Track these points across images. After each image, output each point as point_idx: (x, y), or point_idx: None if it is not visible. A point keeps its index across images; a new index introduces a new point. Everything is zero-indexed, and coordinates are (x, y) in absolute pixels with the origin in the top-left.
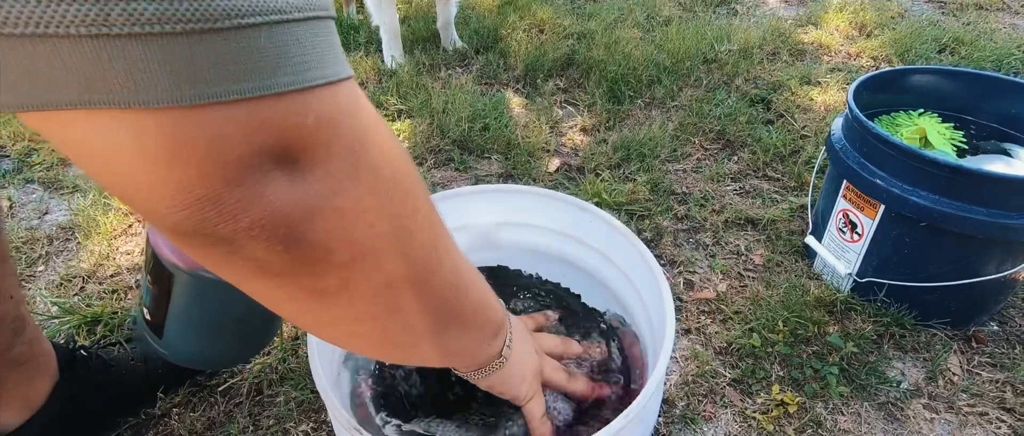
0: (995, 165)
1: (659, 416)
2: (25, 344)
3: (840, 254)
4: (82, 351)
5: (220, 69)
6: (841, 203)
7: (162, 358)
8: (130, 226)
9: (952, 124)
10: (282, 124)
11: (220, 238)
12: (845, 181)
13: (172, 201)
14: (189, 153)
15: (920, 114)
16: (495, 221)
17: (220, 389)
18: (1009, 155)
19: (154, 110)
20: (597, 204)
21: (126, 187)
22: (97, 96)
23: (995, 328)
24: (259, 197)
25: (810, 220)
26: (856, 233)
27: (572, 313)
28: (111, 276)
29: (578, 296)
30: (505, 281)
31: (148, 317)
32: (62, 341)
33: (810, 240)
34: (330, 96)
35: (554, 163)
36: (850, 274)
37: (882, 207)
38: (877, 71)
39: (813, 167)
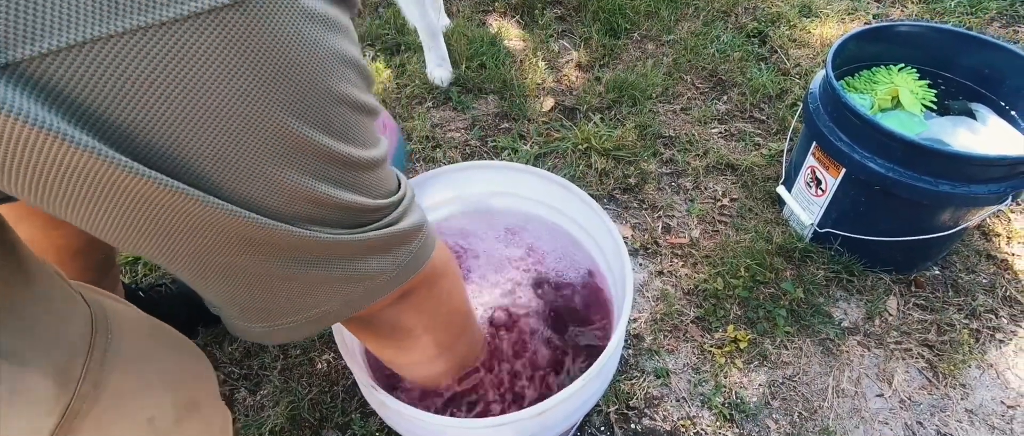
0: (958, 129)
1: (628, 348)
2: (110, 282)
3: (805, 205)
4: (140, 293)
5: (405, 276)
6: (810, 160)
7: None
8: None
9: (928, 81)
10: (412, 281)
11: (364, 320)
12: (814, 142)
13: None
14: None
15: (900, 70)
16: (489, 191)
17: None
18: (973, 117)
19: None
20: (586, 149)
21: None
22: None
23: (937, 272)
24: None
25: (784, 169)
26: (821, 189)
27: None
28: None
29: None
30: None
31: None
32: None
33: (781, 190)
34: (432, 260)
35: (549, 103)
36: (812, 224)
37: (844, 169)
38: (862, 27)
39: (797, 110)
